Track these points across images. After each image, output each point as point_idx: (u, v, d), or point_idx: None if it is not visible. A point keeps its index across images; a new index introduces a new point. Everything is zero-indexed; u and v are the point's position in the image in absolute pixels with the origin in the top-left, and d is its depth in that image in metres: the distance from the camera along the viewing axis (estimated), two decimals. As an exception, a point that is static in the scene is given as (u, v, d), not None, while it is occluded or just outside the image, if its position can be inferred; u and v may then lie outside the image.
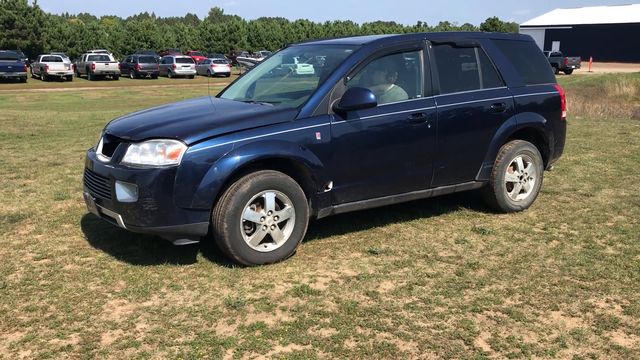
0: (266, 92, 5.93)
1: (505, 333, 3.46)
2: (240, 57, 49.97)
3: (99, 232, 5.25)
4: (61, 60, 38.23)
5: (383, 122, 4.95)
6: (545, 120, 5.97)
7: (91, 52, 44.46)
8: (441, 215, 5.81)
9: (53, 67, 36.65)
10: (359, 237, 5.18)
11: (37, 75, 38.64)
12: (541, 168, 6.04)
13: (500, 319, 3.63)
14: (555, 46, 52.21)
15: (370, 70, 5.24)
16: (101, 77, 38.82)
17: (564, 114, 6.29)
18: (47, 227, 5.37)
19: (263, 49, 69.15)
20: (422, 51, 5.31)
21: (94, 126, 12.52)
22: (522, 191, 6.00)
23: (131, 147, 4.38)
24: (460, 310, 3.74)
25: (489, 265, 4.50)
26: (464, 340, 3.38)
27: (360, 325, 3.54)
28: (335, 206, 4.83)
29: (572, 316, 3.68)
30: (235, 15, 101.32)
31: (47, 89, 30.76)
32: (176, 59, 42.93)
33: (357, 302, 3.85)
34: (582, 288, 4.09)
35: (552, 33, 53.96)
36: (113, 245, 4.92)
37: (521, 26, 60.40)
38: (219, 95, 6.00)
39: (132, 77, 40.95)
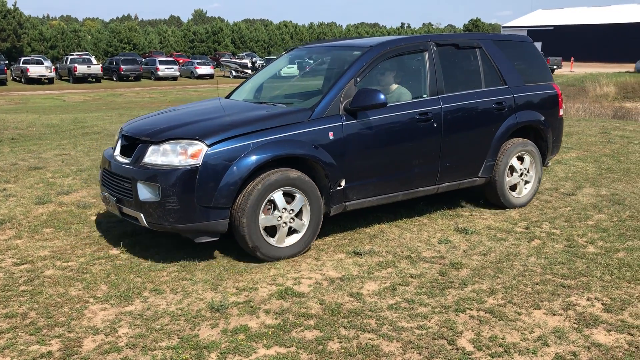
0: (277, 92, 6.12)
1: (488, 332, 3.48)
2: (224, 59, 49.95)
3: (80, 236, 5.19)
4: (42, 63, 37.84)
5: (392, 122, 5.11)
6: (543, 118, 6.17)
7: (73, 55, 44.03)
8: (424, 216, 5.84)
9: (34, 70, 36.30)
10: (343, 239, 5.18)
11: (18, 78, 38.20)
12: (540, 165, 6.22)
13: (483, 319, 3.65)
14: (537, 47, 52.81)
15: (377, 72, 5.35)
16: (83, 79, 38.48)
17: (561, 112, 6.50)
18: (27, 232, 5.31)
19: (247, 51, 68.98)
20: (427, 52, 5.49)
21: (76, 129, 12.40)
22: (523, 188, 6.18)
23: (152, 147, 4.50)
24: (444, 310, 3.76)
25: (472, 265, 4.52)
26: (447, 340, 3.39)
27: (344, 327, 3.54)
28: (347, 203, 4.99)
29: (554, 315, 3.71)
30: (218, 17, 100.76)
31: (28, 92, 30.42)
32: (159, 61, 42.71)
33: (341, 304, 3.85)
34: (564, 286, 4.12)
35: (534, 33, 54.53)
36: (95, 249, 4.87)
37: (503, 27, 60.92)
38: (228, 97, 6.12)
39: (114, 79, 40.65)
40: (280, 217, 4.58)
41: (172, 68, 41.82)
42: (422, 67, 5.51)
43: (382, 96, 4.79)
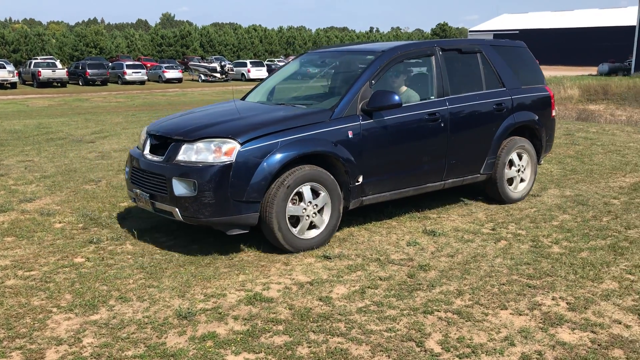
0: (294, 94, 6.50)
1: (455, 333, 3.51)
2: (192, 63, 49.50)
3: (44, 244, 5.07)
4: (4, 67, 36.86)
5: (404, 121, 5.44)
6: (537, 118, 6.58)
7: (37, 59, 43.08)
8: (393, 219, 5.87)
9: (-4, 75, 35.35)
10: (312, 243, 5.16)
11: (-21, 83, 37.17)
12: (535, 161, 6.63)
13: (450, 320, 3.68)
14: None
15: (389, 74, 5.66)
16: (48, 84, 37.66)
17: (553, 113, 6.93)
18: (-12, 241, 5.16)
19: (216, 55, 68.52)
20: (433, 57, 5.85)
21: (40, 135, 12.14)
22: (520, 182, 6.58)
23: (185, 146, 4.75)
24: (412, 313, 3.78)
25: (440, 267, 4.56)
26: (415, 342, 3.41)
27: (313, 331, 3.53)
28: (364, 198, 5.30)
29: (520, 315, 3.76)
30: (187, 21, 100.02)
31: (-10, 97, 29.64)
32: (126, 65, 42.09)
33: (311, 308, 3.84)
34: (530, 287, 4.19)
35: (500, 37, 55.57)
36: (59, 258, 4.76)
37: (470, 31, 61.80)
38: (243, 99, 6.37)
39: (80, 84, 39.90)
40: (305, 209, 4.87)
41: (140, 72, 41.27)
42: (429, 70, 5.87)
43: (397, 97, 5.12)
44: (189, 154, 4.70)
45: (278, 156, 4.67)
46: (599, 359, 3.23)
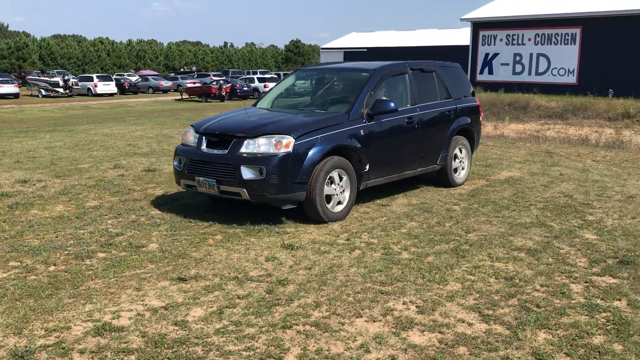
0: (309, 102, 7.73)
1: (314, 346, 3.54)
2: (30, 77, 45.72)
3: None
4: None
5: (393, 124, 7.06)
6: (471, 121, 8.45)
7: None
8: (252, 234, 5.83)
9: None
10: (167, 265, 4.96)
11: None
12: (470, 155, 8.58)
13: (309, 332, 3.71)
14: (353, 67, 56.13)
15: (379, 87, 7.17)
16: None
17: (480, 118, 8.99)
18: None
19: (58, 68, 64.06)
20: (407, 74, 7.59)
21: None
22: (461, 171, 8.43)
23: (247, 141, 6.07)
24: (271, 329, 3.75)
25: (298, 280, 4.59)
26: (274, 358, 3.38)
27: (168, 358, 3.36)
28: (368, 182, 6.82)
29: (374, 321, 3.89)
30: (23, 32, 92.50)
31: None
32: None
33: (165, 334, 3.67)
34: (382, 293, 4.36)
35: (350, 54, 57.99)
36: None
37: (322, 48, 63.93)
38: (255, 105, 7.83)
39: None
40: (335, 189, 6.32)
41: (-31, 87, 37.29)
42: (404, 84, 7.58)
43: (392, 104, 6.73)
44: (252, 147, 6.02)
45: (320, 147, 6.13)
46: (446, 358, 3.43)
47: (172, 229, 5.97)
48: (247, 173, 5.92)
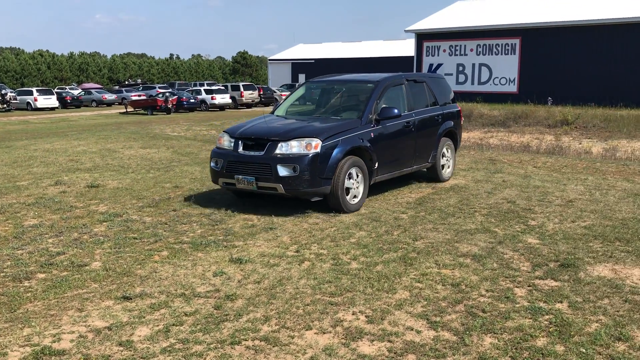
0: (321, 109, 8.71)
1: (263, 361, 3.49)
2: (-34, 92, 43.80)
3: None
4: None
5: (395, 128, 8.18)
6: (454, 125, 9.71)
7: None
8: (199, 249, 5.73)
9: None
10: (111, 284, 4.81)
11: None
12: (454, 154, 9.82)
13: (258, 348, 3.66)
14: (302, 78, 56.42)
15: (383, 96, 8.20)
16: None
17: (462, 122, 10.34)
18: None
19: (-5, 82, 61.67)
20: (404, 84, 8.78)
21: None
22: (447, 168, 9.67)
23: (281, 143, 7.07)
24: (219, 345, 3.68)
25: (247, 295, 4.54)
26: (223, 376, 3.31)
27: (112, 381, 3.25)
28: (376, 178, 7.87)
29: (324, 333, 3.88)
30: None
31: None
32: None
33: (109, 355, 3.55)
34: (332, 304, 4.35)
35: (298, 66, 58.21)
36: None
37: (270, 59, 63.92)
38: (272, 112, 8.94)
39: None
40: (353, 183, 7.33)
41: None
42: (402, 93, 8.71)
43: (396, 110, 7.89)
44: (285, 149, 7.02)
45: (342, 148, 7.17)
46: (395, 366, 3.44)
47: (116, 246, 5.81)
48: (282, 171, 6.93)
